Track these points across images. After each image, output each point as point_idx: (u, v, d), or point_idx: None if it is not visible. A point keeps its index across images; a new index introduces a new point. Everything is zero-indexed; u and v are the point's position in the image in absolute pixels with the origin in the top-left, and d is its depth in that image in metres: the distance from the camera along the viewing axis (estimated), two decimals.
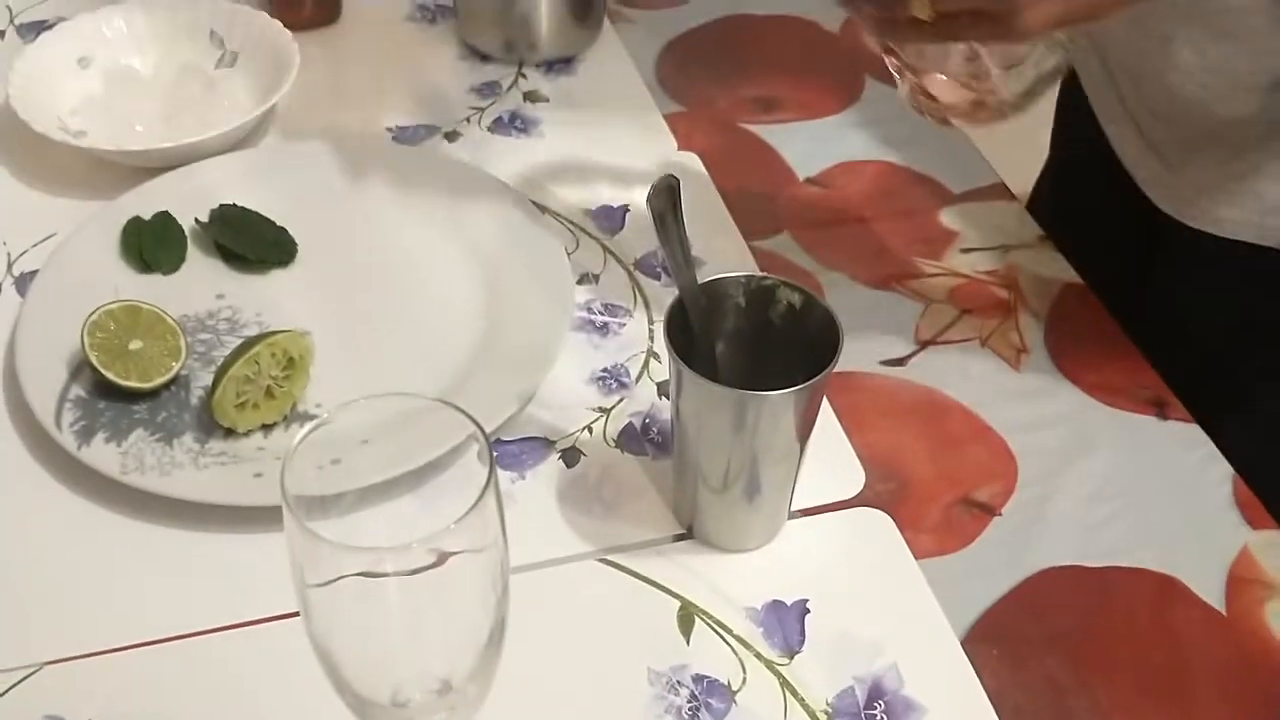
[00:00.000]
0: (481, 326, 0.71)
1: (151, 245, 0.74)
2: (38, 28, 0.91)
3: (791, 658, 0.58)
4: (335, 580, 0.40)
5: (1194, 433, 0.68)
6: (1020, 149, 0.95)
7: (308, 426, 0.41)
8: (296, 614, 0.55)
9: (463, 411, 0.41)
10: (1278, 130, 0.69)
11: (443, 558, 0.40)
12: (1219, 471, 0.66)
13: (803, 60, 0.94)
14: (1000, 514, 0.64)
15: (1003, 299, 0.76)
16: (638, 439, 0.67)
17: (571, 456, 0.66)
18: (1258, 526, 0.63)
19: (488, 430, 0.45)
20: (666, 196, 0.57)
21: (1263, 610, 0.60)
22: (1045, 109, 0.85)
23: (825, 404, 0.67)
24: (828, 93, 0.90)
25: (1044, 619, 0.60)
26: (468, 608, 0.44)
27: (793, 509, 0.63)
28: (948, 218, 0.81)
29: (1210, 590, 0.61)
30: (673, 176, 0.58)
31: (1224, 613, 0.60)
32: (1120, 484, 0.65)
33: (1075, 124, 0.86)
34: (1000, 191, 0.83)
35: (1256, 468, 0.67)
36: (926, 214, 0.81)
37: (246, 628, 0.58)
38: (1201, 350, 0.75)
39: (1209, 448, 0.67)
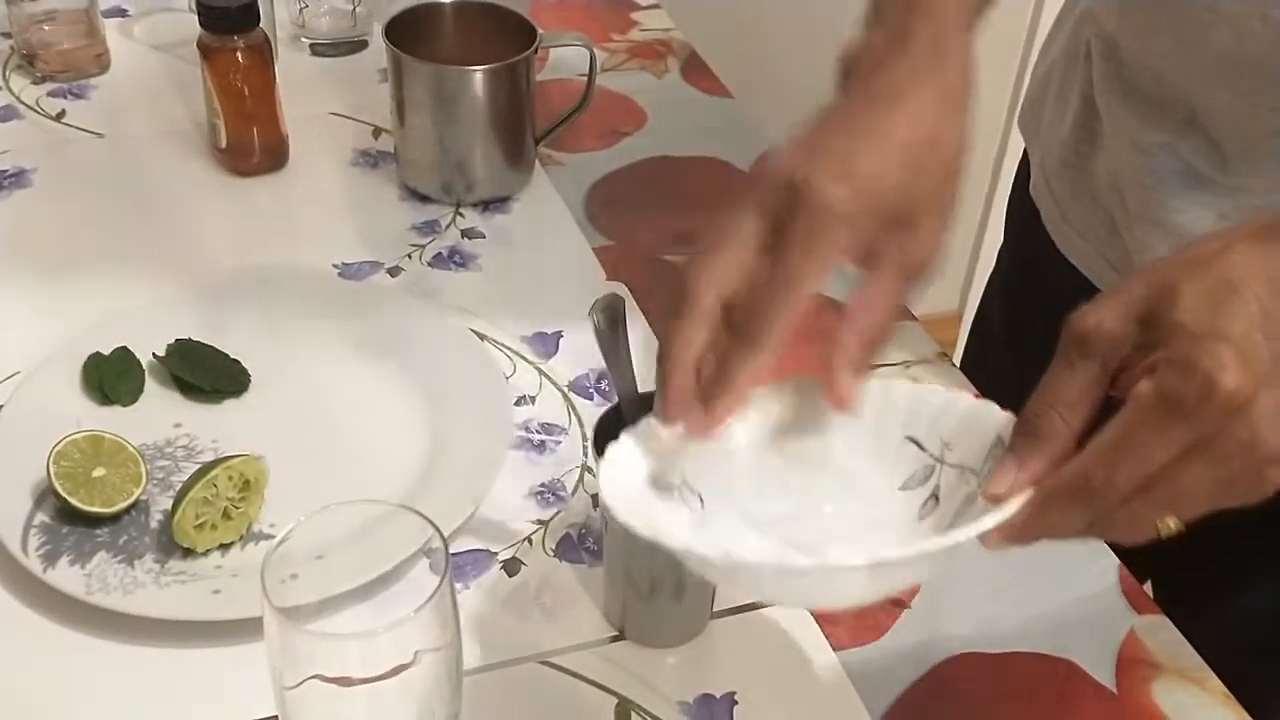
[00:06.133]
0: (426, 448, 0.75)
1: (111, 379, 0.77)
2: None
3: None
4: (308, 679, 0.44)
5: None
6: None
7: (286, 528, 0.45)
8: None
9: (419, 514, 0.46)
10: None
11: (410, 658, 0.44)
12: (1105, 562, 0.72)
13: (719, 197, 0.98)
14: (909, 606, 0.69)
15: None
16: (574, 548, 0.71)
17: (513, 566, 0.70)
18: (1142, 612, 0.69)
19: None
20: (611, 312, 0.61)
21: (1150, 688, 0.65)
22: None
23: None
24: None
25: (953, 702, 0.64)
26: (428, 701, 0.47)
27: (719, 608, 0.67)
28: None
29: (1102, 671, 0.66)
30: (616, 294, 0.61)
31: (1114, 691, 0.65)
32: (1017, 575, 0.70)
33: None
34: (903, 314, 0.89)
35: None
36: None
37: None
38: None
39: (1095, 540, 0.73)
